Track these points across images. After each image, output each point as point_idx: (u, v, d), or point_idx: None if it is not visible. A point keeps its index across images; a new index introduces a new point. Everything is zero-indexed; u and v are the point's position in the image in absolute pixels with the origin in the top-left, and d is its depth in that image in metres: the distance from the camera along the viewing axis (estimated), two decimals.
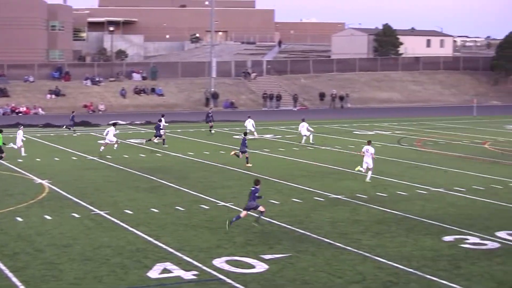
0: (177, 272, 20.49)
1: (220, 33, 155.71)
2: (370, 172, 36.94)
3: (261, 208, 25.91)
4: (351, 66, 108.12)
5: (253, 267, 21.10)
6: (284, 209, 29.52)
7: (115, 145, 47.11)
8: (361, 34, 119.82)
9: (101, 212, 28.58)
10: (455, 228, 26.28)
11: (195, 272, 20.49)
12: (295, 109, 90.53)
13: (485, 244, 23.99)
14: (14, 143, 45.52)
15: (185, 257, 21.98)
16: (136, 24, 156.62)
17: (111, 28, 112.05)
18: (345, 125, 68.29)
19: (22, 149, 45.22)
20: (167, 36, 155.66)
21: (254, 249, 23.06)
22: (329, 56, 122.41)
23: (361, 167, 37.02)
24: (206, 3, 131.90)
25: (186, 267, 20.99)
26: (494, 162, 44.10)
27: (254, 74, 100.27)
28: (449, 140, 55.08)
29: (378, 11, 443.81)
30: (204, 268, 20.92)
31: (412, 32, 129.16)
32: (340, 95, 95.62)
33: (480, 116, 78.86)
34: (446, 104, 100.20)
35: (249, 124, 57.11)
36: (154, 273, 20.38)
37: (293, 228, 26.11)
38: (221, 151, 48.39)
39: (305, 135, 51.81)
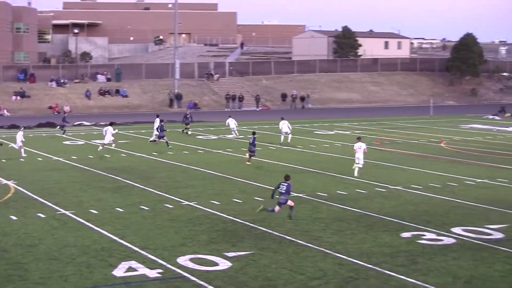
0: (142, 270, 20.39)
1: (183, 35, 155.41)
2: (357, 168, 37.97)
3: (290, 203, 26.85)
4: (312, 68, 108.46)
5: (216, 264, 21.07)
6: (247, 207, 29.47)
7: (113, 144, 47.23)
8: (321, 36, 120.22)
9: (67, 212, 28.35)
10: (412, 224, 26.47)
11: (160, 270, 20.41)
12: (257, 109, 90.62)
13: (441, 240, 24.18)
14: (15, 143, 45.53)
15: (149, 256, 21.88)
16: (100, 26, 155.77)
17: (76, 31, 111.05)
18: (306, 125, 68.43)
19: (22, 149, 45.06)
20: (131, 38, 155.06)
21: (217, 247, 23.02)
22: (290, 58, 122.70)
23: (356, 163, 38.05)
24: (170, 6, 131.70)
25: (151, 265, 20.89)
26: (450, 160, 44.51)
27: (217, 75, 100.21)
28: (407, 140, 55.48)
29: (338, 14, 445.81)
30: (169, 266, 20.84)
31: (371, 34, 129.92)
32: (301, 96, 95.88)
33: (436, 116, 79.53)
34: (403, 104, 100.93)
35: (232, 122, 57.41)
36: (119, 271, 20.26)
37: (256, 226, 26.10)
38: (184, 151, 48.26)
39: (286, 132, 51.79)
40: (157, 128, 51.31)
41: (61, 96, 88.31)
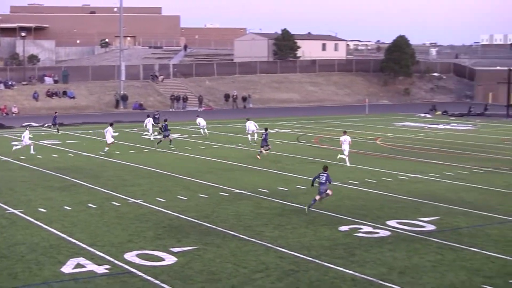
0: (90, 266, 20.23)
1: (129, 38, 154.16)
2: (347, 158, 40.66)
3: (329, 192, 28.19)
4: (253, 69, 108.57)
5: (162, 260, 21.00)
6: (191, 204, 29.46)
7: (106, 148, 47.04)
8: (262, 39, 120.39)
9: (16, 211, 27.95)
10: (350, 218, 26.71)
11: (108, 266, 20.27)
12: (201, 109, 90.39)
13: (377, 233, 24.46)
14: (19, 143, 46.12)
15: (97, 252, 21.72)
16: (47, 30, 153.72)
17: (23, 34, 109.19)
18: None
19: (32, 146, 45.52)
20: (78, 42, 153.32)
21: (163, 243, 22.95)
22: (232, 60, 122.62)
23: (341, 154, 40.86)
24: (115, 9, 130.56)
25: (99, 261, 20.74)
26: (385, 157, 45.01)
27: (162, 77, 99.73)
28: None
29: (277, 17, 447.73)
30: (116, 262, 20.71)
31: (309, 36, 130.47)
32: (243, 96, 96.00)
33: (372, 114, 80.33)
34: (341, 104, 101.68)
35: (202, 121, 57.19)
36: (67, 268, 20.07)
37: (200, 222, 26.09)
38: (131, 150, 47.94)
39: (253, 130, 51.83)
40: (161, 128, 50.99)
41: (9, 98, 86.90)
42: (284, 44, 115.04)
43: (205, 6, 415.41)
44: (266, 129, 45.41)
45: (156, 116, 60.45)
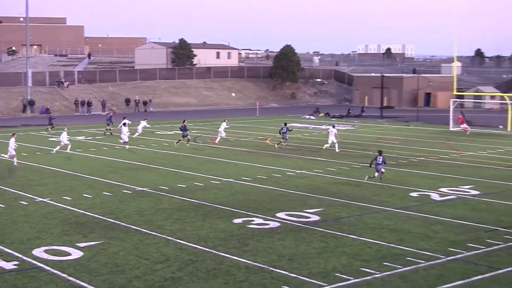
0: None
1: (35, 46, 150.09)
2: (337, 145, 46.42)
3: (383, 170, 33.60)
4: (153, 75, 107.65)
5: (69, 254, 20.57)
6: (96, 201, 28.96)
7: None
8: (161, 47, 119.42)
9: None
10: (243, 211, 26.83)
11: (16, 262, 19.69)
12: (104, 113, 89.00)
13: (268, 224, 24.66)
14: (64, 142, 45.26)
15: (6, 249, 21.05)
16: None
17: None
18: (148, 126, 67.72)
19: (69, 146, 45.55)
20: None
21: (70, 239, 22.48)
22: (133, 67, 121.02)
23: (326, 144, 46.52)
24: (21, 19, 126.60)
25: (7, 258, 20.11)
26: (274, 155, 45.42)
27: (67, 83, 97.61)
28: (237, 137, 56.09)
29: (175, 27, 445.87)
30: (25, 258, 20.14)
31: (204, 45, 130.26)
32: (144, 101, 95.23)
33: (262, 116, 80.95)
34: (234, 107, 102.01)
35: (144, 123, 56.72)
36: None
37: (105, 218, 25.69)
38: (37, 152, 46.71)
39: (222, 135, 52.11)
40: (180, 128, 50.69)
41: None
42: (181, 53, 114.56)
43: (108, 17, 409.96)
44: (285, 124, 51.21)
45: (109, 117, 61.61)
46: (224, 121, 53.61)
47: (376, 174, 33.59)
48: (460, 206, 28.21)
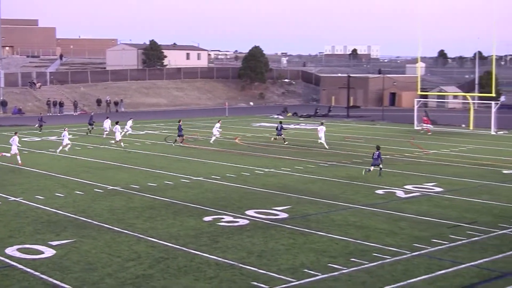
0: None
1: (7, 48, 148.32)
2: (324, 144, 47.71)
3: (381, 165, 34.64)
4: (124, 76, 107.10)
5: (42, 253, 20.39)
6: (69, 200, 28.74)
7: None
8: (131, 49, 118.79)
9: None
10: (213, 209, 26.81)
11: None
12: (76, 114, 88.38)
13: (238, 222, 24.67)
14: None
15: None
16: None
17: None
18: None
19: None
20: None
21: (42, 237, 22.29)
22: (105, 68, 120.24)
23: (320, 139, 47.96)
24: None
25: None
26: (243, 154, 45.44)
27: (39, 84, 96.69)
28: (207, 137, 55.98)
29: (146, 29, 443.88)
30: None
31: (174, 47, 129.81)
32: (115, 101, 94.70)
33: (231, 116, 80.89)
34: (204, 107, 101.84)
35: (130, 122, 57.25)
36: None
37: (77, 216, 25.50)
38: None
39: (216, 136, 52.12)
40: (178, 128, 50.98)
41: None
42: (152, 54, 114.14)
43: (79, 18, 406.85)
44: (281, 122, 53.63)
45: (91, 116, 62.13)
46: (218, 121, 53.65)
47: (372, 168, 34.65)
48: (424, 202, 28.49)
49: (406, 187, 32.21)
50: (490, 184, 33.18)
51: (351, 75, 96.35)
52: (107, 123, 56.24)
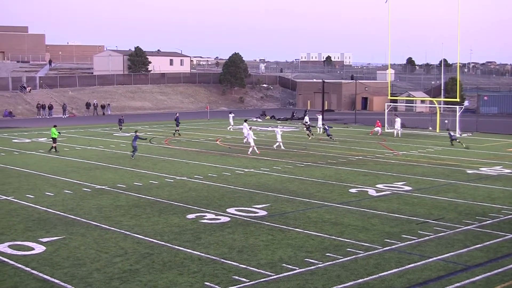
0: None
1: None
2: (281, 144, 48.03)
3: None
4: (110, 81, 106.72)
5: (32, 249, 20.21)
6: (58, 199, 28.52)
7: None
8: (118, 55, 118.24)
9: None
10: (196, 207, 26.74)
11: None
12: (64, 116, 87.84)
13: (219, 219, 24.62)
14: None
15: None
16: None
17: None
18: (107, 128, 67.20)
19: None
20: None
21: (33, 234, 22.10)
22: (92, 73, 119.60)
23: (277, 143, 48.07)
24: None
25: None
26: (224, 154, 45.39)
27: (29, 88, 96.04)
28: (189, 139, 55.91)
29: (131, 36, 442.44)
30: None
31: (158, 53, 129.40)
32: (102, 104, 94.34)
33: (213, 119, 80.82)
34: (186, 110, 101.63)
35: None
36: None
37: (66, 214, 25.32)
38: (1, 153, 45.78)
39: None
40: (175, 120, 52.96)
41: None
42: (137, 60, 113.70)
43: (68, 26, 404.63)
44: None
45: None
46: (245, 120, 56.55)
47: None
48: (394, 200, 28.62)
49: (377, 186, 32.34)
50: (456, 183, 33.42)
51: (325, 80, 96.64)
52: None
